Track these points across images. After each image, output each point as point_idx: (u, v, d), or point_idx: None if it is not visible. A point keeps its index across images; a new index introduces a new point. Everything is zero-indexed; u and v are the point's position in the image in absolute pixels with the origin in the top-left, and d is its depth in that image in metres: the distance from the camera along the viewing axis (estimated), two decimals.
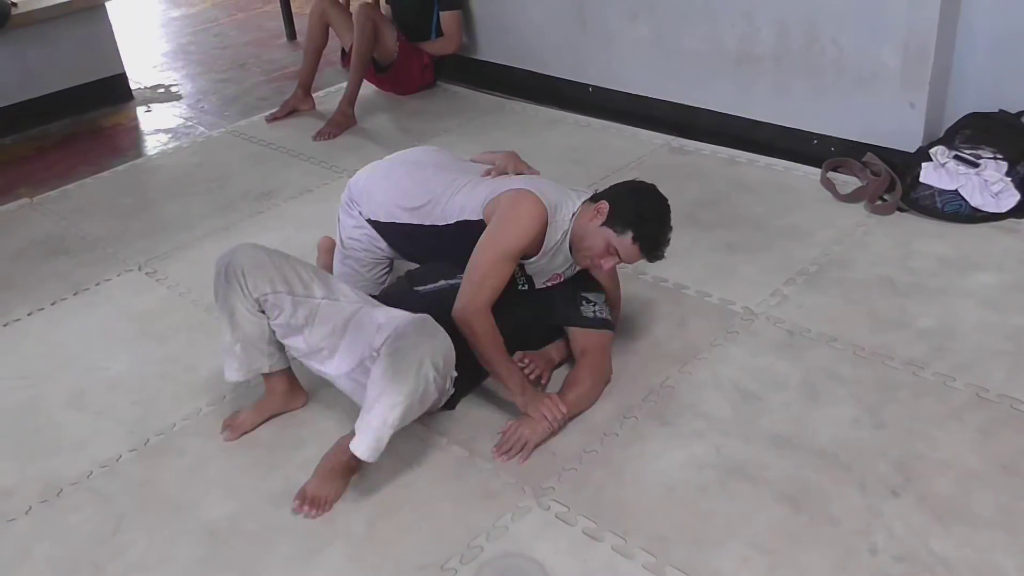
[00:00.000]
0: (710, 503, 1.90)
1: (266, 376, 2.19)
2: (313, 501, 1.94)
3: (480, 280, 2.08)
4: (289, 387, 2.23)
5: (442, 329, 1.97)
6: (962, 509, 1.82)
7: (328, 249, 2.67)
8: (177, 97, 4.78)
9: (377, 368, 1.90)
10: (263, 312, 2.09)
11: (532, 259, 2.20)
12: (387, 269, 2.53)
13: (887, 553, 1.74)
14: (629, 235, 2.10)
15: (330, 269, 2.56)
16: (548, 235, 2.16)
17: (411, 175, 2.39)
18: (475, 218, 2.21)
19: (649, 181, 2.25)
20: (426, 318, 1.99)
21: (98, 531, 1.95)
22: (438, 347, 1.92)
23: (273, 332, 2.11)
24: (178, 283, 2.91)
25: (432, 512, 1.94)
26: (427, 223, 2.30)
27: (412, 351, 1.89)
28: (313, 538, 1.89)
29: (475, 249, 2.11)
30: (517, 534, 1.86)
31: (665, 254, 2.17)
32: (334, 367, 2.08)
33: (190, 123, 4.38)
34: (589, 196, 2.23)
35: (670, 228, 2.18)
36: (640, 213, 2.13)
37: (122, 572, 1.85)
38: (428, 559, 1.82)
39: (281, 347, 2.15)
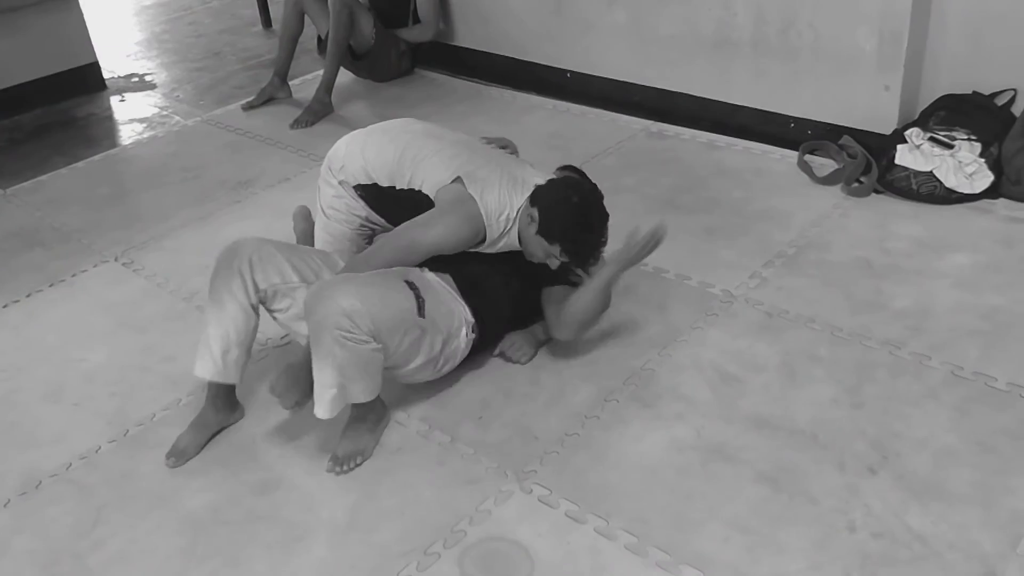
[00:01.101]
0: (691, 484, 1.91)
1: (215, 386, 2.13)
2: (343, 460, 2.01)
3: (380, 256, 2.17)
4: (229, 400, 2.17)
5: (340, 286, 1.97)
6: (939, 486, 1.85)
7: (305, 216, 2.69)
8: (151, 86, 4.73)
9: None
10: (261, 305, 2.09)
11: (484, 246, 2.25)
12: (368, 238, 2.53)
13: (865, 530, 1.76)
14: (557, 248, 2.18)
15: (309, 235, 2.59)
16: (488, 235, 2.23)
17: (391, 139, 2.42)
18: (428, 194, 2.28)
19: (629, 167, 2.27)
20: (324, 283, 2.02)
21: (78, 523, 1.94)
22: (332, 309, 1.91)
23: (253, 336, 2.11)
24: (155, 273, 2.89)
25: (415, 498, 1.94)
26: (397, 185, 2.35)
27: (312, 316, 1.93)
28: (295, 526, 1.89)
29: (400, 226, 2.22)
30: (500, 518, 1.87)
31: (599, 258, 2.25)
32: None
33: (165, 112, 4.34)
34: (530, 193, 2.26)
35: (600, 239, 2.22)
36: (565, 230, 2.18)
37: (103, 564, 1.84)
38: (411, 544, 1.82)
39: (244, 360, 2.12)
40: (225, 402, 2.15)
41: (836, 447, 1.97)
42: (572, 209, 2.18)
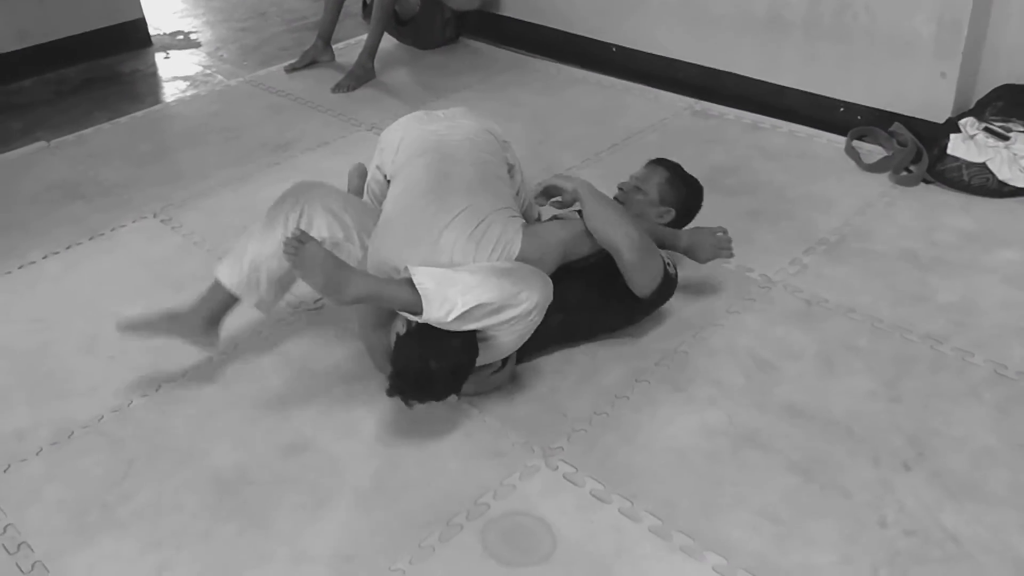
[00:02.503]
0: (720, 470, 1.88)
1: (219, 298, 2.13)
2: (299, 252, 1.85)
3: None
4: (213, 322, 2.15)
5: (551, 296, 1.95)
6: (975, 486, 1.80)
7: (360, 174, 2.51)
8: (196, 45, 4.73)
9: (488, 263, 1.94)
10: None
11: None
12: None
13: (897, 527, 1.73)
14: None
15: (360, 193, 2.46)
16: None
17: (426, 177, 2.09)
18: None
19: (671, 146, 2.23)
20: (549, 279, 1.98)
21: (108, 474, 1.96)
22: (546, 297, 1.92)
23: (286, 276, 2.12)
24: (193, 231, 2.90)
25: (440, 468, 1.94)
26: None
27: (533, 278, 1.92)
28: (321, 490, 1.90)
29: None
30: (524, 493, 1.86)
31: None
32: None
33: (209, 71, 4.34)
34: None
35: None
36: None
37: (130, 516, 1.86)
38: (434, 514, 1.81)
39: (269, 291, 2.13)
40: (209, 320, 2.14)
41: (871, 441, 1.93)
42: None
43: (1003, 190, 2.77)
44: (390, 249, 2.01)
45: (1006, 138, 2.80)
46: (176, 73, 4.35)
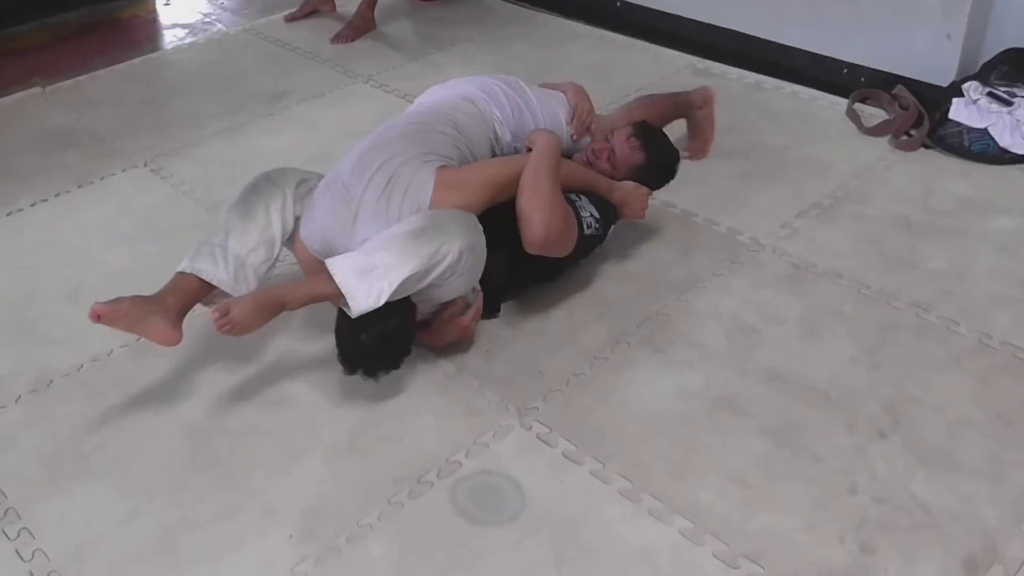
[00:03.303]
0: (694, 434, 1.88)
1: (181, 287, 1.97)
2: (231, 321, 1.79)
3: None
4: (178, 317, 1.94)
5: (480, 231, 1.94)
6: (949, 455, 1.79)
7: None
8: None
9: (402, 226, 1.88)
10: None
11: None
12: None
13: (867, 494, 1.72)
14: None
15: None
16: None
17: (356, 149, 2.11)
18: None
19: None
20: (471, 216, 1.96)
21: (85, 423, 1.97)
22: (470, 238, 1.89)
23: (265, 266, 2.05)
24: (183, 181, 2.88)
25: (415, 425, 1.94)
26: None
27: (449, 225, 1.88)
28: (295, 443, 1.90)
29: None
30: (497, 452, 1.86)
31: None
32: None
33: (208, 19, 4.29)
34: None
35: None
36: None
37: (105, 464, 1.88)
38: (406, 471, 1.82)
39: (258, 285, 2.02)
40: (179, 313, 1.95)
41: (848, 407, 1.91)
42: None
43: (1003, 157, 2.72)
44: (321, 224, 2.00)
45: (1010, 103, 2.74)
46: (176, 20, 4.31)
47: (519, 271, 2.16)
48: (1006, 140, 2.71)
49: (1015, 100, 2.75)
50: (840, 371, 2.01)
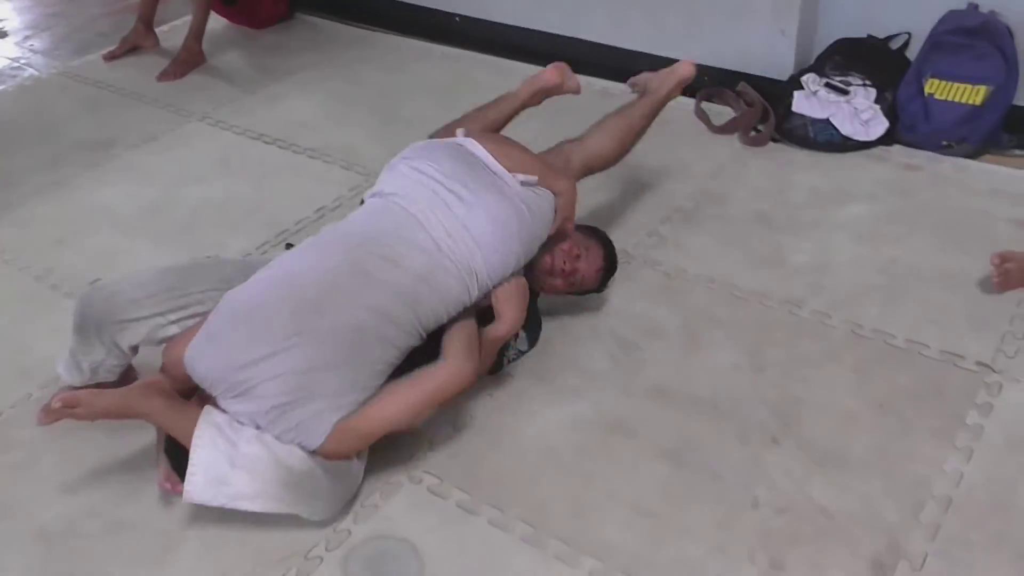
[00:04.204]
0: (590, 465, 1.81)
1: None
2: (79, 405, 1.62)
3: None
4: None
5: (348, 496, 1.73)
6: (840, 454, 1.80)
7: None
8: (2, 34, 4.30)
9: (282, 465, 1.62)
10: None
11: None
12: None
13: (769, 506, 1.70)
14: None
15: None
16: None
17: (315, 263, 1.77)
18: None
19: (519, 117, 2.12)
20: (351, 488, 1.73)
21: None
22: (334, 512, 1.70)
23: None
24: (3, 249, 2.61)
25: None
26: None
27: (321, 498, 1.67)
28: (163, 536, 1.72)
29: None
30: (387, 513, 1.74)
31: None
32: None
33: (17, 64, 3.94)
34: None
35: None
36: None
37: None
38: (290, 548, 1.67)
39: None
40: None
41: (737, 416, 1.90)
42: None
43: (847, 144, 2.80)
44: (210, 362, 1.67)
45: (846, 92, 2.83)
46: None
47: None
48: (847, 128, 2.79)
49: (850, 89, 2.84)
50: (724, 379, 2.00)
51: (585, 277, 2.08)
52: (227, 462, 1.61)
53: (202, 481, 1.62)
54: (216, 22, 3.88)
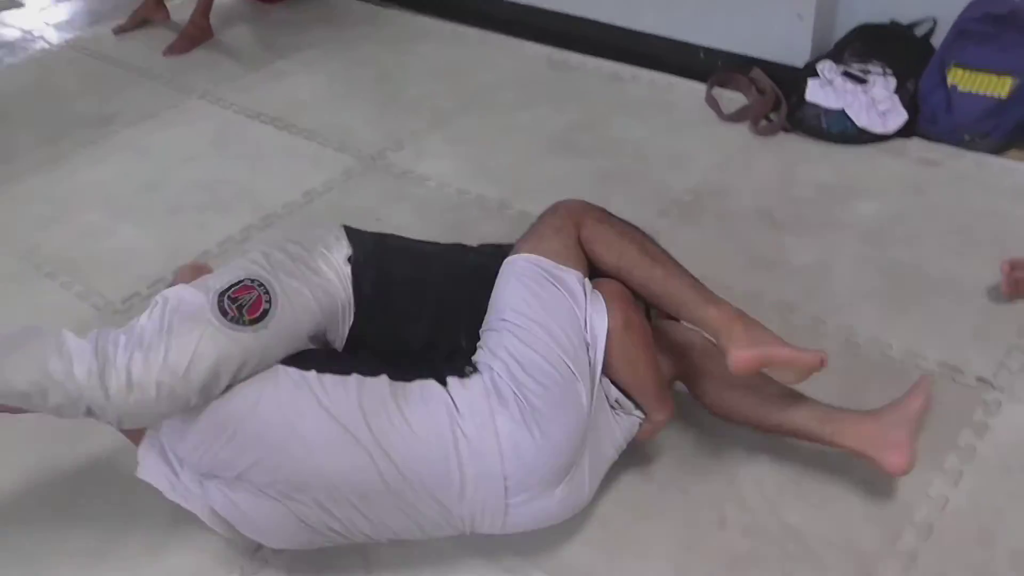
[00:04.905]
0: None
1: None
2: None
3: None
4: None
5: None
6: (819, 474, 1.69)
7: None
8: (19, 5, 4.29)
9: None
10: None
11: None
12: None
13: (737, 527, 1.60)
14: None
15: None
16: None
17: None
18: None
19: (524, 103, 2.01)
20: None
21: None
22: None
23: None
24: None
25: None
26: None
27: None
28: (109, 532, 1.67)
29: None
30: None
31: None
32: None
33: (31, 36, 3.93)
34: None
35: None
36: None
37: None
38: (236, 547, 1.62)
39: None
40: None
41: (718, 426, 1.80)
42: None
43: (862, 137, 2.66)
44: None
45: (864, 82, 2.68)
46: None
47: None
48: (863, 120, 2.65)
49: (869, 78, 2.69)
50: None
51: None
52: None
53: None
54: None
